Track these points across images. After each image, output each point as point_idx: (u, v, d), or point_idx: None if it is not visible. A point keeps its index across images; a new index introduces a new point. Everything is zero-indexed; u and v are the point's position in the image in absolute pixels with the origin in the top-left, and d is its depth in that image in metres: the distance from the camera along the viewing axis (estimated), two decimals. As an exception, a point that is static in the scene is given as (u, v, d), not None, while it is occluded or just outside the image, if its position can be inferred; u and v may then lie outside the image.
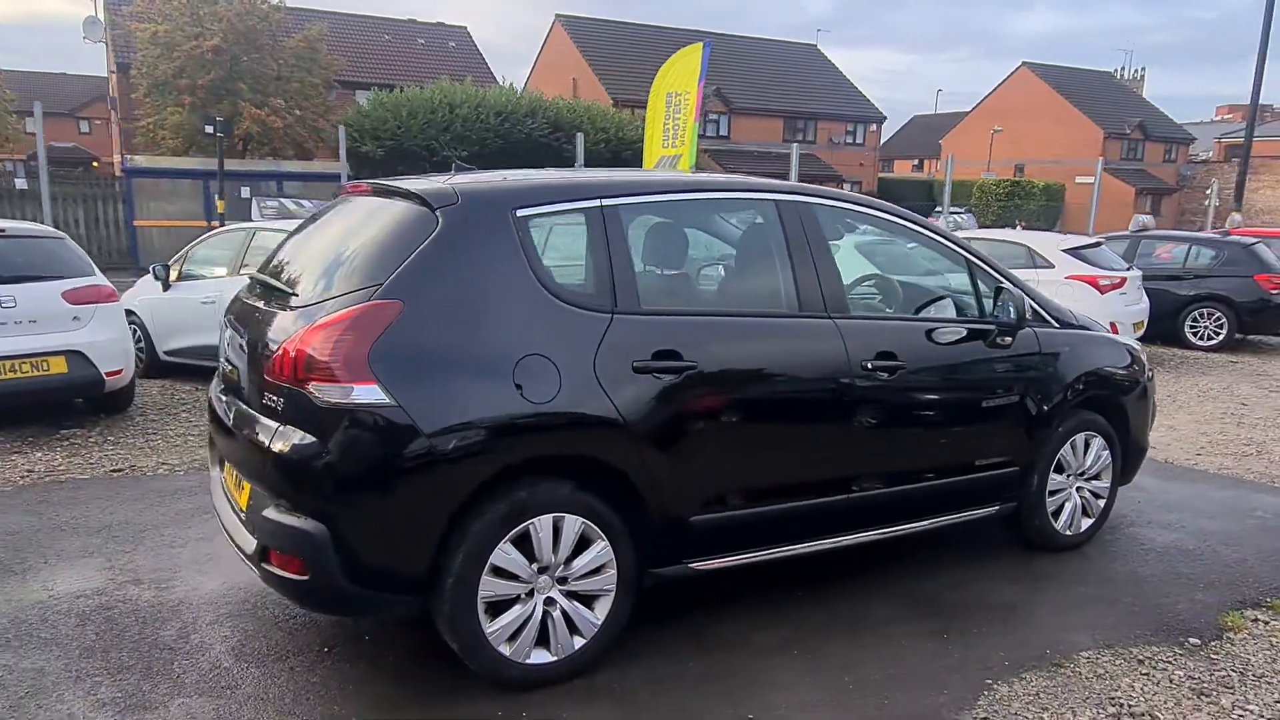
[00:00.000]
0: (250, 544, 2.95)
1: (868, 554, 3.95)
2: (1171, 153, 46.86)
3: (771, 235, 3.53)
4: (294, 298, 3.06)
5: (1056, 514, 4.33)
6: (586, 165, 17.15)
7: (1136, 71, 55.90)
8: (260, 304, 3.24)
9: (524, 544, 2.91)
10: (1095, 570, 4.22)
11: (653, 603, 3.37)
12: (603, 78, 35.56)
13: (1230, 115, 69.93)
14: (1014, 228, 19.30)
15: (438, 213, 2.94)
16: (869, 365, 3.49)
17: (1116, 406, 4.45)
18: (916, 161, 61.34)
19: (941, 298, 4.14)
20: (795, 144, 16.45)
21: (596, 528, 3.00)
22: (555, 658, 3.02)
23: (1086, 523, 4.47)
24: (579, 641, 3.05)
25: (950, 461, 3.88)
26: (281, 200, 18.18)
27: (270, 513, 2.82)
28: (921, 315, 4.10)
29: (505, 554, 2.88)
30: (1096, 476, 4.45)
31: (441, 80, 25.29)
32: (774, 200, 3.54)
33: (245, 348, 3.14)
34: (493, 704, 2.92)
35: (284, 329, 2.92)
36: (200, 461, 5.63)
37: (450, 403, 2.76)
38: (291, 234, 3.75)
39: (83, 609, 3.55)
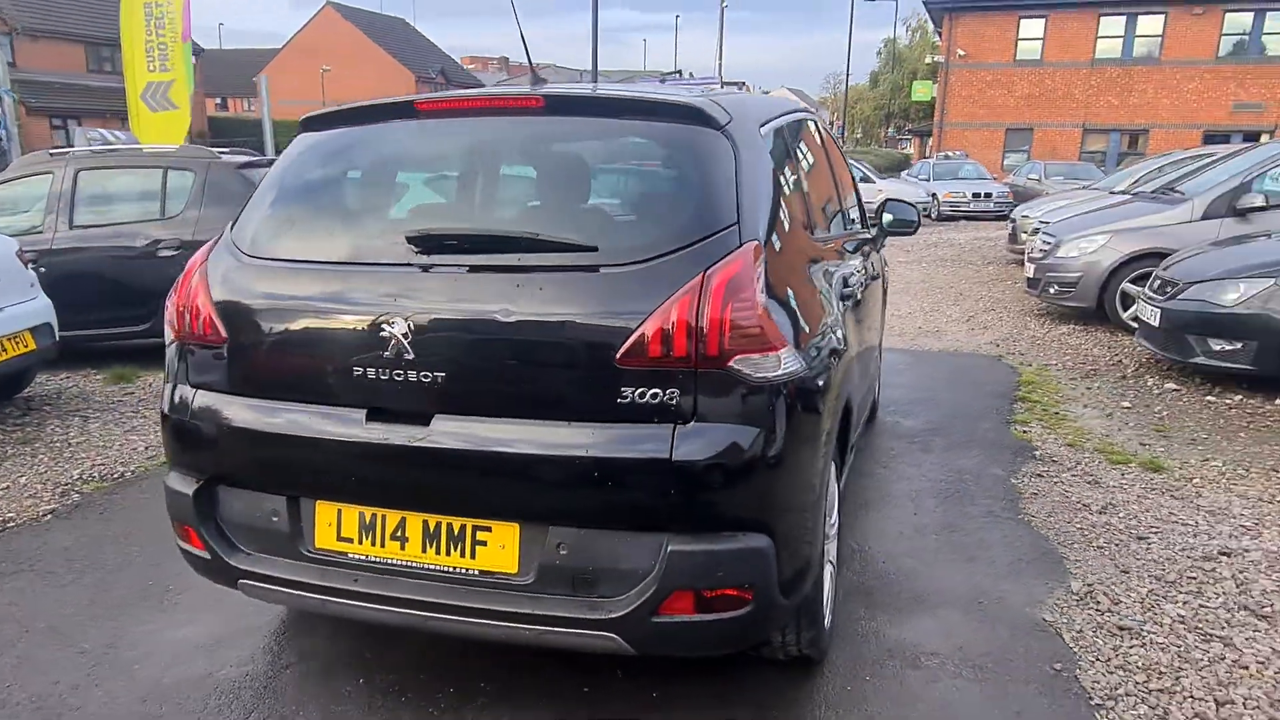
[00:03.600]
0: (581, 603, 2.18)
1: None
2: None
3: None
4: (588, 254, 2.21)
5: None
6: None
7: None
8: (489, 276, 2.25)
9: None
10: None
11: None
12: None
13: (473, 65, 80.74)
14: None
15: (727, 131, 2.38)
16: None
17: None
18: (220, 100, 57.30)
19: None
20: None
21: None
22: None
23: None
24: None
25: None
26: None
27: (683, 545, 2.11)
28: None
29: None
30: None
31: None
32: None
33: (502, 338, 2.20)
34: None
35: (624, 296, 2.13)
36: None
37: (818, 354, 2.42)
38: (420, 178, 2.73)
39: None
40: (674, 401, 2.09)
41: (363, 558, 2.35)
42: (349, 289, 2.32)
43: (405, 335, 2.19)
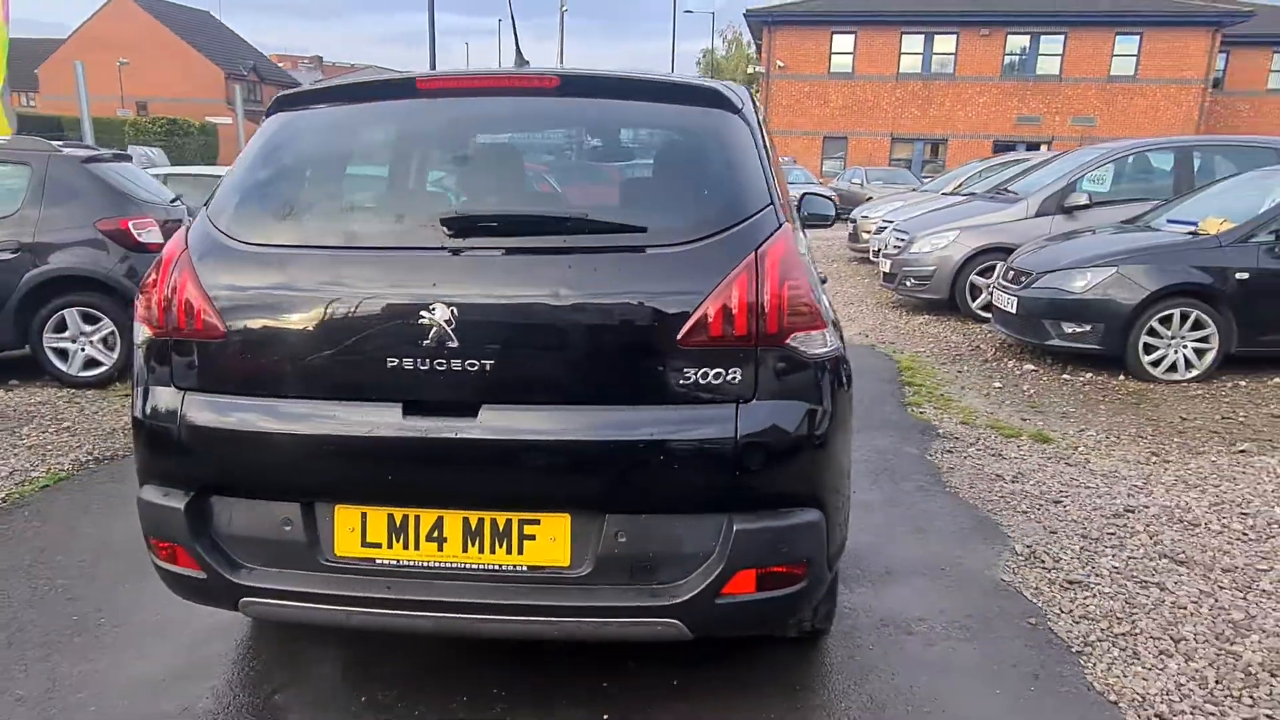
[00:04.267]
0: (650, 590, 2.14)
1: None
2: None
3: None
4: (638, 234, 2.17)
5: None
6: None
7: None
8: (529, 259, 2.18)
9: None
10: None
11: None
12: None
13: (284, 63, 77.08)
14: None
15: (744, 115, 2.40)
16: None
17: None
18: (-12, 93, 51.39)
19: None
20: None
21: None
22: None
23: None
24: None
25: None
26: None
27: (747, 523, 2.11)
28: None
29: None
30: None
31: None
32: None
33: (556, 319, 2.13)
34: None
35: (679, 276, 2.11)
36: None
37: (840, 334, 2.38)
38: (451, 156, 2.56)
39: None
40: (735, 380, 2.09)
41: (393, 563, 2.19)
42: (376, 276, 2.16)
43: (448, 322, 2.06)
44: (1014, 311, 6.98)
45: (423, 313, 2.08)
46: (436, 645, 2.79)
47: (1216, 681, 2.66)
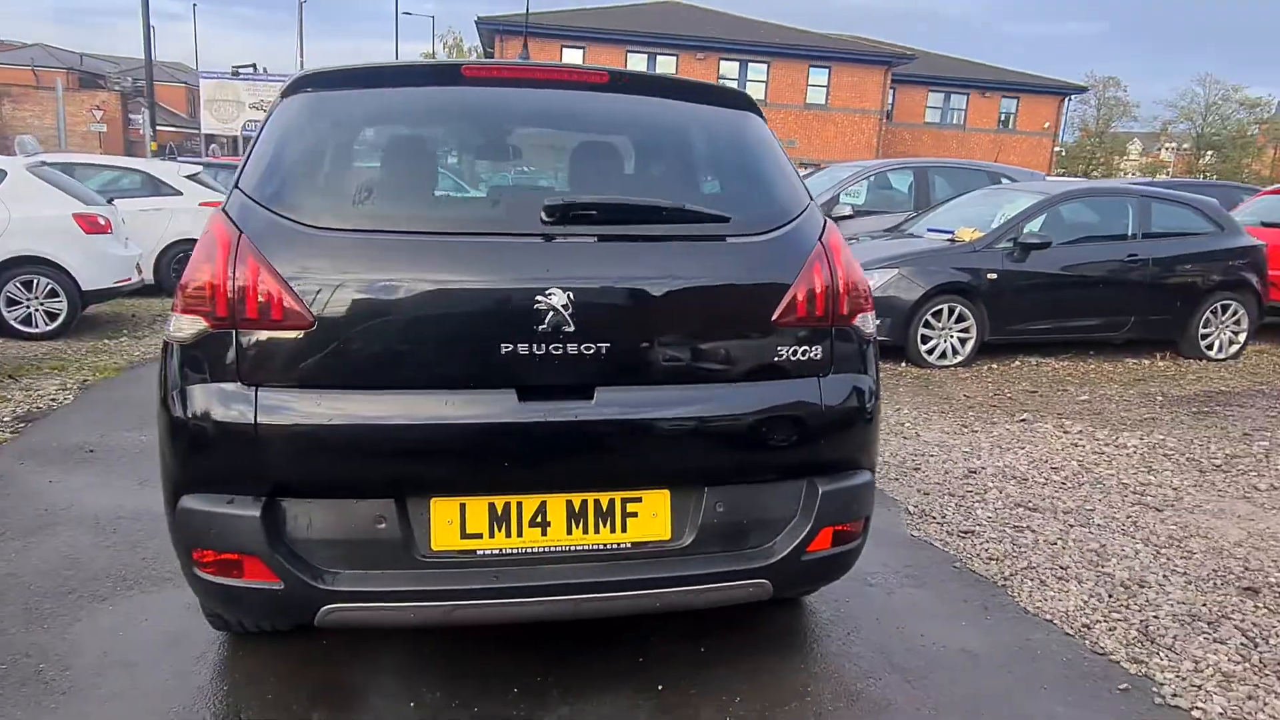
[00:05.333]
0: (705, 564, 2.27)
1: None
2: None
3: None
4: (722, 224, 2.35)
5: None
6: None
7: None
8: (627, 245, 2.28)
9: None
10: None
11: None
12: None
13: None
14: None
15: (754, 114, 2.61)
16: None
17: None
18: None
19: None
20: None
21: None
22: None
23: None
24: None
25: None
26: None
27: (829, 485, 2.34)
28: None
29: None
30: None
31: None
32: None
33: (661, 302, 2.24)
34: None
35: (764, 263, 2.30)
36: None
37: None
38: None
39: None
40: (818, 356, 2.32)
41: (495, 552, 2.17)
42: (482, 262, 2.13)
43: (565, 307, 2.10)
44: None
45: (538, 297, 2.09)
46: (460, 642, 2.73)
47: (1109, 595, 3.29)
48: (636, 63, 35.42)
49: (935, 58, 40.88)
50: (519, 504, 2.18)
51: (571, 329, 2.11)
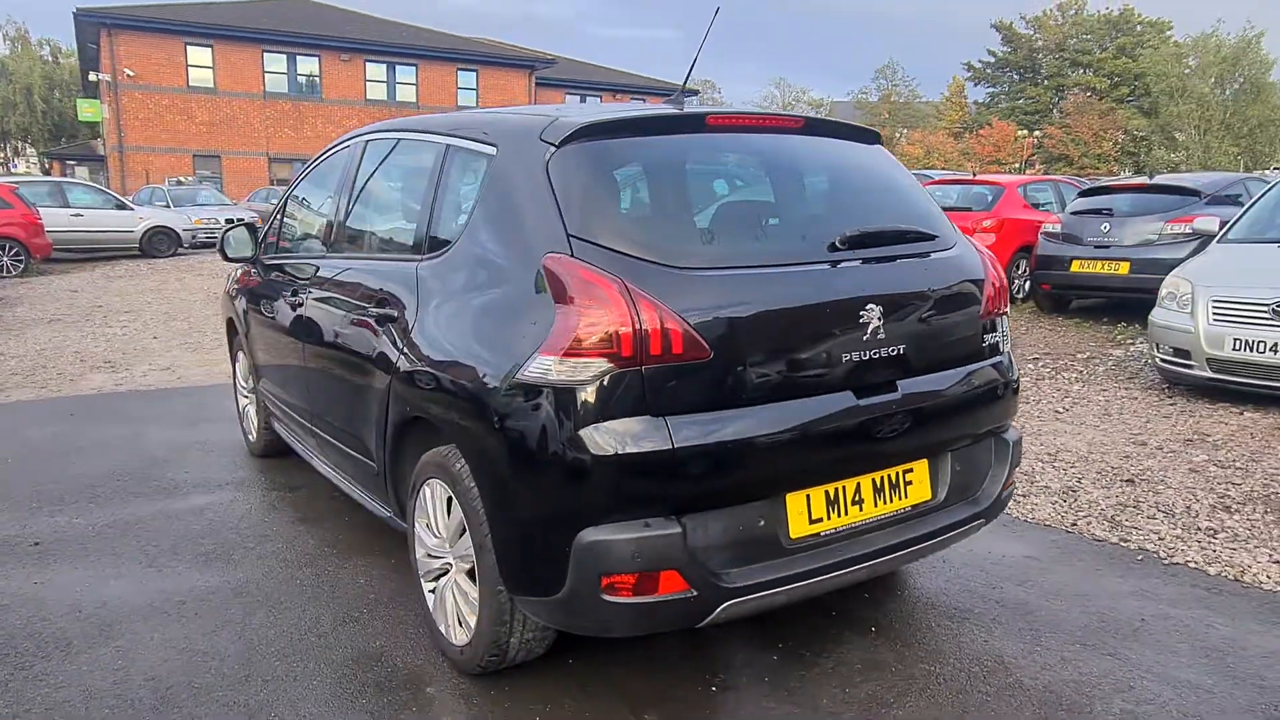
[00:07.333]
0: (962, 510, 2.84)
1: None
2: None
3: None
4: (930, 242, 2.86)
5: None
6: None
7: None
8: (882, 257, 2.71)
9: None
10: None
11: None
12: None
13: None
14: None
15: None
16: None
17: None
18: None
19: None
20: None
21: None
22: None
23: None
24: None
25: None
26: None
27: (1013, 436, 2.99)
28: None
29: None
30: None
31: None
32: None
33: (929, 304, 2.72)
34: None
35: (964, 266, 2.87)
36: None
37: None
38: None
39: None
40: (996, 340, 2.96)
41: (832, 531, 2.53)
42: (816, 286, 2.47)
43: (879, 317, 2.52)
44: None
45: (862, 311, 2.49)
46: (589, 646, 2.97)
47: (1061, 500, 4.35)
48: (275, 63, 33.20)
49: (572, 63, 43.28)
50: (842, 488, 2.56)
51: (883, 335, 2.54)
